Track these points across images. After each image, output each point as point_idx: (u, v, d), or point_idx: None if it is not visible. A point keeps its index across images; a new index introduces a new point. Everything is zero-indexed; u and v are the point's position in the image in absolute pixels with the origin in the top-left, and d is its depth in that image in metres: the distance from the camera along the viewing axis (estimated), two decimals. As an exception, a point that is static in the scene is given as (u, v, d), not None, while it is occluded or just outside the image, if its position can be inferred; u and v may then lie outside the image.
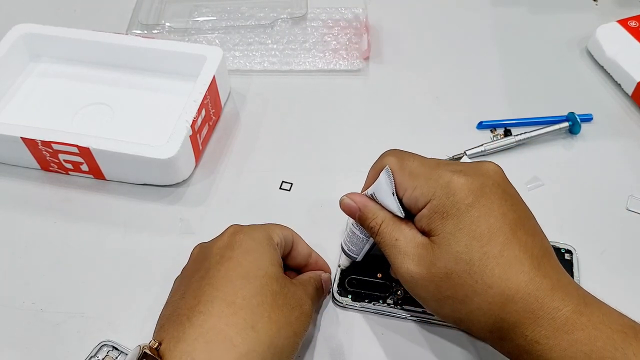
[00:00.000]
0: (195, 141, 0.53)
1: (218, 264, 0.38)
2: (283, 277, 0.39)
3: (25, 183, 0.54)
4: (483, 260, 0.34)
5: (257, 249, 0.39)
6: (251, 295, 0.36)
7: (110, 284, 0.47)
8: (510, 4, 0.70)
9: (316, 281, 0.43)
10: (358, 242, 0.44)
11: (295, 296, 0.39)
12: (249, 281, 0.37)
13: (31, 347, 0.44)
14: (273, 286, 0.37)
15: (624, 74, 0.59)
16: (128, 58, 0.60)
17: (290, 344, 0.37)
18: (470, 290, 0.35)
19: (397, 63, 0.64)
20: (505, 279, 0.34)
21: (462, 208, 0.35)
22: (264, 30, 0.66)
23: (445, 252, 0.35)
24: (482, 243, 0.35)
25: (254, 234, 0.40)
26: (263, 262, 0.38)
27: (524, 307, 0.34)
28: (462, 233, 0.35)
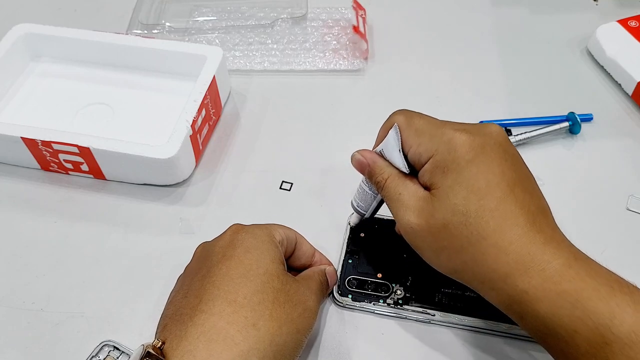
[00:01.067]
0: (196, 141, 0.53)
1: (219, 263, 0.38)
2: (285, 274, 0.39)
3: (26, 183, 0.54)
4: (479, 212, 0.36)
5: (258, 247, 0.39)
6: (252, 293, 0.36)
7: (110, 284, 0.47)
8: (511, 4, 0.70)
9: (320, 275, 0.43)
10: (367, 198, 0.45)
11: (297, 293, 0.39)
12: (250, 279, 0.37)
13: (31, 346, 0.44)
14: (274, 283, 0.38)
15: (624, 73, 0.59)
16: (128, 58, 0.60)
17: (293, 340, 0.37)
18: (465, 241, 0.36)
19: (397, 63, 0.64)
20: (499, 231, 0.35)
21: (462, 163, 0.37)
22: (264, 30, 0.66)
23: (444, 204, 0.37)
24: (479, 197, 0.36)
25: (256, 232, 0.40)
26: (264, 260, 0.38)
27: (515, 259, 0.35)
28: (460, 187, 0.36)
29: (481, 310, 0.44)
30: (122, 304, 0.46)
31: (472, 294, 0.45)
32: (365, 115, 0.59)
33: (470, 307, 0.44)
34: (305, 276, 0.43)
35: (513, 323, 0.43)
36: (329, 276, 0.45)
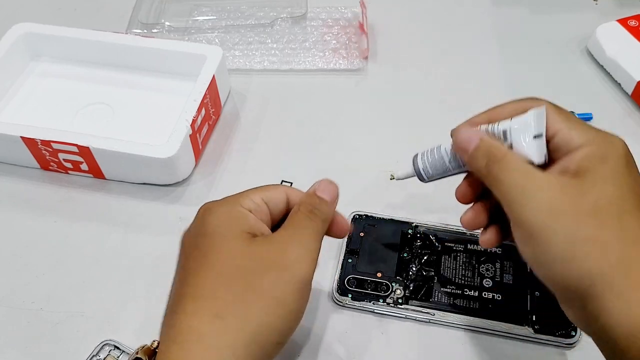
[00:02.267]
0: (195, 140, 0.53)
1: (188, 257, 0.36)
2: (250, 244, 0.35)
3: (25, 182, 0.54)
4: (633, 213, 0.32)
5: (220, 228, 0.36)
6: (214, 283, 0.34)
7: (110, 283, 0.47)
8: (511, 3, 0.70)
9: (305, 206, 0.37)
10: (440, 167, 0.41)
11: (267, 258, 0.34)
12: (212, 268, 0.34)
13: (31, 346, 0.44)
14: (236, 261, 0.34)
15: (624, 73, 0.59)
16: (128, 58, 0.60)
17: (272, 315, 0.33)
18: (614, 237, 0.31)
19: (397, 62, 0.64)
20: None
21: (623, 162, 0.34)
22: (264, 30, 0.66)
23: (600, 188, 0.32)
24: (629, 197, 0.32)
25: (220, 210, 0.37)
26: (226, 241, 0.35)
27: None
28: (619, 180, 0.32)
29: (481, 310, 0.44)
30: (121, 303, 0.46)
31: (472, 293, 0.45)
32: (365, 114, 0.59)
33: (470, 307, 0.44)
34: (287, 224, 0.37)
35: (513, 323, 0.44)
36: (322, 194, 0.37)
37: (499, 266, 0.46)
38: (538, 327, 0.43)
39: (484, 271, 0.46)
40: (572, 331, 0.43)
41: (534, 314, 0.44)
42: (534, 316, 0.43)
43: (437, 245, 0.48)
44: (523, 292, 0.45)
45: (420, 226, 0.49)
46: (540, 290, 0.45)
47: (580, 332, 0.43)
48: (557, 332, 0.43)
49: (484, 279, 0.46)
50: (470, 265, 0.46)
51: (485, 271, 0.46)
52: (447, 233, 0.48)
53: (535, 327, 0.43)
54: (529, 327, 0.43)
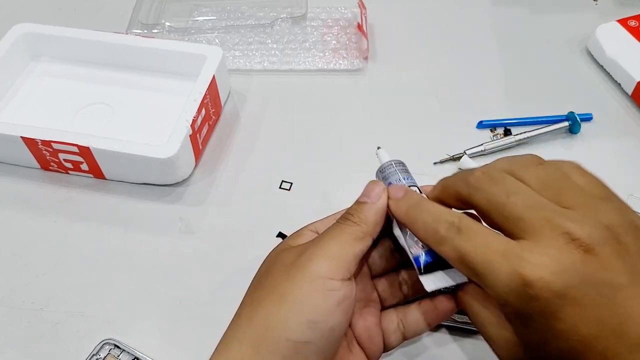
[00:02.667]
0: (195, 141, 0.53)
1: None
2: (278, 252, 0.36)
3: (25, 182, 0.54)
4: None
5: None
6: (247, 290, 0.36)
7: (110, 283, 0.47)
8: (511, 3, 0.70)
9: (341, 216, 0.36)
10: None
11: (284, 262, 0.34)
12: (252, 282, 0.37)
13: (31, 346, 0.44)
14: (262, 267, 0.36)
15: (624, 73, 0.59)
16: (128, 58, 0.60)
17: (281, 313, 0.32)
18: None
19: (397, 63, 0.64)
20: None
21: (541, 320, 0.28)
22: (264, 30, 0.66)
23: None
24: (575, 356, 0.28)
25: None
26: (268, 260, 0.37)
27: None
28: (548, 347, 0.28)
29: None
30: (121, 303, 0.46)
31: (472, 293, 0.45)
32: (365, 114, 0.59)
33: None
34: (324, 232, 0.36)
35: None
36: (362, 197, 0.36)
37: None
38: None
39: (484, 271, 0.46)
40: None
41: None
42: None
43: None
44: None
45: (420, 226, 0.49)
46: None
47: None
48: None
49: (484, 279, 0.45)
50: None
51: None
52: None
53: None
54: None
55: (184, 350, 0.44)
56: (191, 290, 0.47)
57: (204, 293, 0.47)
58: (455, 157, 0.55)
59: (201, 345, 0.44)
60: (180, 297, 0.47)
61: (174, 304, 0.46)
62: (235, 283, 0.47)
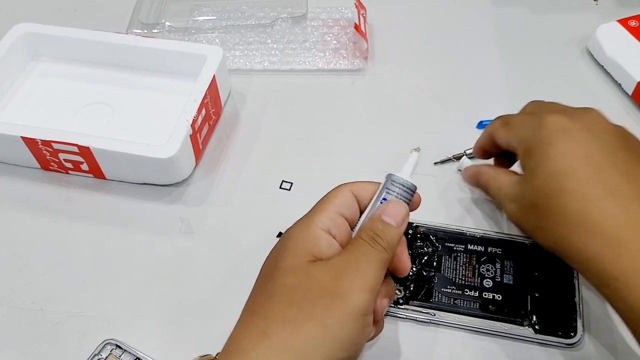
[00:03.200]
0: (196, 141, 0.53)
1: (259, 275, 0.38)
2: (307, 265, 0.34)
3: (25, 182, 0.54)
4: (559, 194, 0.37)
5: (290, 250, 0.35)
6: (265, 299, 0.34)
7: (110, 283, 0.47)
8: (511, 3, 0.70)
9: (367, 232, 0.35)
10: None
11: (322, 281, 0.33)
12: (266, 284, 0.35)
13: (31, 346, 0.44)
14: (289, 280, 0.34)
15: (624, 73, 0.59)
16: (128, 58, 0.60)
17: (320, 340, 0.32)
18: (552, 221, 0.38)
19: (398, 63, 0.64)
20: (583, 212, 0.36)
21: (542, 147, 0.39)
22: (264, 30, 0.66)
23: (530, 186, 0.39)
24: (559, 179, 0.37)
25: (295, 230, 0.37)
26: (283, 260, 0.35)
27: (603, 241, 0.35)
28: (540, 168, 0.39)
29: (481, 311, 0.44)
30: (121, 303, 0.46)
31: (473, 293, 0.45)
32: (365, 114, 0.59)
33: (470, 308, 0.44)
34: (347, 247, 0.35)
35: (513, 323, 0.44)
36: (388, 217, 0.36)
37: (499, 266, 0.46)
38: (538, 327, 0.43)
39: (484, 271, 0.46)
40: (573, 332, 0.43)
41: (534, 315, 0.44)
42: (534, 317, 0.43)
43: (437, 245, 0.48)
44: (523, 293, 0.45)
45: (421, 226, 0.49)
46: (540, 290, 0.45)
47: (580, 332, 0.43)
48: (558, 332, 0.43)
49: (484, 279, 0.46)
50: (470, 266, 0.46)
51: (485, 271, 0.46)
52: (448, 233, 0.48)
53: (535, 327, 0.43)
54: (529, 327, 0.43)
55: (183, 350, 0.44)
56: (191, 290, 0.47)
57: (204, 293, 0.47)
58: (456, 157, 0.55)
59: (201, 345, 0.44)
60: (180, 297, 0.46)
61: (174, 304, 0.46)
62: (235, 283, 0.47)
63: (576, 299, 0.44)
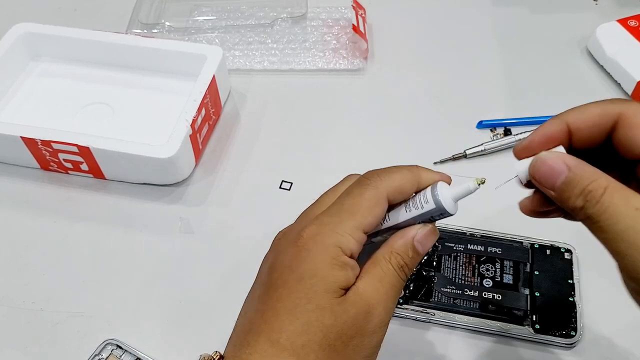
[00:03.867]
0: (195, 140, 0.53)
1: (273, 289, 0.32)
2: (341, 303, 0.32)
3: (25, 182, 0.54)
4: None
5: (313, 275, 0.32)
6: (297, 334, 0.31)
7: (110, 283, 0.47)
8: (511, 3, 0.70)
9: (388, 262, 0.33)
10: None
11: (356, 320, 0.31)
12: (297, 316, 0.31)
13: (31, 346, 0.44)
14: (325, 319, 0.31)
15: (624, 73, 0.59)
16: (128, 57, 0.60)
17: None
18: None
19: (397, 62, 0.64)
20: None
21: None
22: (264, 30, 0.66)
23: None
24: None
25: (317, 251, 0.32)
26: (317, 291, 0.31)
27: None
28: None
29: (481, 310, 0.44)
30: (121, 303, 0.46)
31: (472, 293, 0.45)
32: (365, 114, 0.59)
33: (470, 307, 0.44)
34: (376, 273, 0.33)
35: (513, 323, 0.44)
36: (421, 246, 0.33)
37: (499, 266, 0.46)
38: (538, 327, 0.43)
39: (484, 271, 0.46)
40: (572, 331, 0.43)
41: (534, 314, 0.44)
42: (534, 316, 0.43)
43: (437, 245, 0.48)
44: (523, 292, 0.45)
45: (421, 226, 0.49)
46: (540, 290, 0.45)
47: (580, 332, 0.43)
48: (557, 332, 0.43)
49: (484, 279, 0.46)
50: (470, 266, 0.46)
51: (485, 271, 0.46)
52: (447, 233, 0.48)
53: (535, 327, 0.43)
54: (529, 327, 0.43)
55: (183, 350, 0.44)
56: (191, 290, 0.47)
57: (204, 293, 0.47)
58: (456, 157, 0.55)
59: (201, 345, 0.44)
60: (180, 297, 0.47)
61: (174, 303, 0.46)
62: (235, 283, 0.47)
63: (576, 299, 0.44)
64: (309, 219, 0.34)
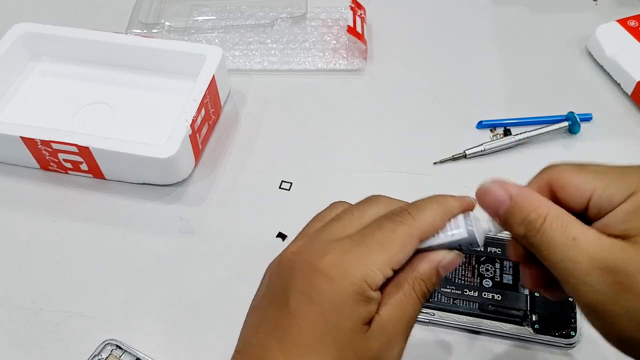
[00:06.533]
0: (195, 140, 0.53)
1: (290, 317, 0.30)
2: (364, 341, 0.30)
3: (25, 182, 0.54)
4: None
5: (338, 310, 0.30)
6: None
7: (110, 283, 0.47)
8: (511, 3, 0.70)
9: (411, 289, 0.32)
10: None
11: (378, 355, 0.31)
12: (318, 353, 0.30)
13: (31, 346, 0.44)
14: (347, 356, 0.30)
15: (624, 73, 0.59)
16: (128, 57, 0.60)
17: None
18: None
19: (397, 62, 0.64)
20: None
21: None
22: (264, 30, 0.66)
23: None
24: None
25: (341, 285, 0.30)
26: (340, 330, 0.30)
27: None
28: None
29: (481, 311, 0.44)
30: (121, 303, 0.46)
31: (472, 293, 0.45)
32: (365, 114, 0.59)
33: (469, 307, 0.44)
34: (399, 301, 0.31)
35: (513, 323, 0.44)
36: (444, 271, 0.32)
37: (499, 266, 0.46)
38: (538, 327, 0.43)
39: (484, 271, 0.46)
40: (572, 331, 0.43)
41: (534, 314, 0.44)
42: (534, 316, 0.43)
43: (436, 245, 0.48)
44: (523, 293, 0.45)
45: (420, 226, 0.49)
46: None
47: (579, 332, 0.43)
48: (557, 332, 0.43)
49: (484, 279, 0.46)
50: (470, 266, 0.46)
51: (485, 271, 0.46)
52: (447, 233, 0.48)
53: (534, 327, 0.43)
54: (528, 327, 0.43)
55: (183, 350, 0.44)
56: (191, 290, 0.47)
57: (203, 293, 0.47)
58: (456, 157, 0.55)
59: (201, 345, 0.44)
60: (180, 297, 0.47)
61: (174, 303, 0.46)
62: (235, 283, 0.47)
63: (576, 299, 0.44)
64: (320, 242, 0.32)
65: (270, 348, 0.30)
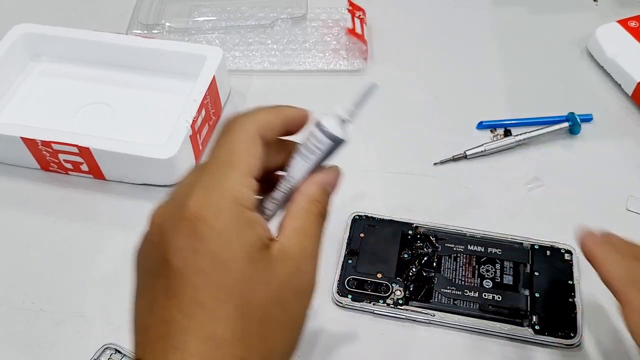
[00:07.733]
0: (195, 141, 0.53)
1: (180, 278, 0.28)
2: (267, 269, 0.29)
3: (25, 183, 0.54)
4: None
5: (224, 248, 0.28)
6: (233, 320, 0.27)
7: (110, 284, 0.47)
8: (511, 3, 0.70)
9: (317, 204, 0.32)
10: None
11: (287, 286, 0.29)
12: (225, 301, 0.28)
13: (31, 346, 0.44)
14: (257, 293, 0.28)
15: (624, 74, 0.59)
16: (128, 58, 0.60)
17: (288, 343, 0.30)
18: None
19: (397, 63, 0.64)
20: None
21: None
22: (264, 30, 0.66)
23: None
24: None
25: (215, 218, 0.28)
26: (237, 267, 0.28)
27: None
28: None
29: (481, 311, 0.44)
30: (121, 304, 0.46)
31: (472, 294, 0.45)
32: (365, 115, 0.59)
33: (470, 308, 0.44)
34: (299, 226, 0.31)
35: (513, 324, 0.44)
36: (332, 188, 0.34)
37: (499, 267, 0.46)
38: (538, 328, 0.43)
39: (484, 272, 0.46)
40: (572, 332, 0.43)
41: (534, 315, 0.44)
42: (534, 317, 0.43)
43: (437, 246, 0.48)
44: (523, 293, 0.45)
45: (421, 227, 0.49)
46: (540, 291, 0.45)
47: (580, 333, 0.43)
48: (558, 333, 0.43)
49: (484, 279, 0.46)
50: (470, 266, 0.46)
51: (485, 272, 0.46)
52: (447, 234, 0.48)
53: (535, 328, 0.43)
54: (529, 328, 0.43)
55: (183, 350, 0.44)
56: (191, 291, 0.47)
57: (203, 293, 0.47)
58: (456, 157, 0.55)
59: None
60: (180, 298, 0.46)
61: (174, 304, 0.46)
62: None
63: (576, 300, 0.44)
64: (175, 198, 0.30)
65: (173, 319, 0.27)
